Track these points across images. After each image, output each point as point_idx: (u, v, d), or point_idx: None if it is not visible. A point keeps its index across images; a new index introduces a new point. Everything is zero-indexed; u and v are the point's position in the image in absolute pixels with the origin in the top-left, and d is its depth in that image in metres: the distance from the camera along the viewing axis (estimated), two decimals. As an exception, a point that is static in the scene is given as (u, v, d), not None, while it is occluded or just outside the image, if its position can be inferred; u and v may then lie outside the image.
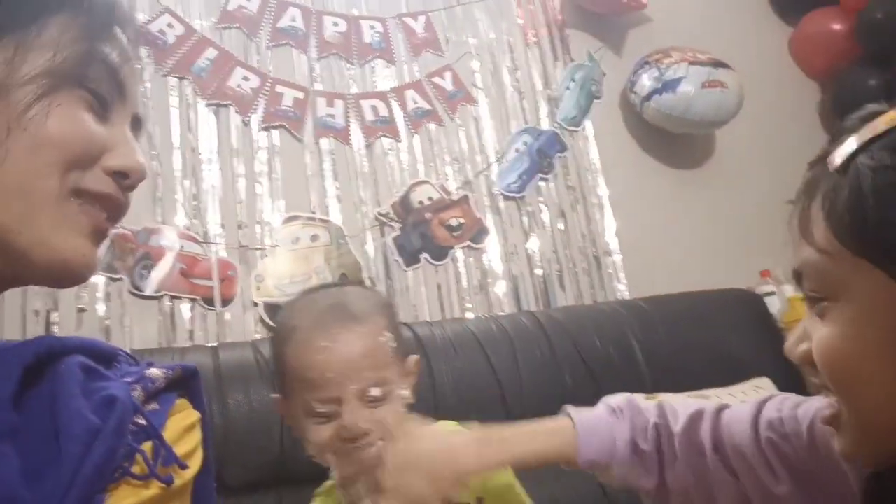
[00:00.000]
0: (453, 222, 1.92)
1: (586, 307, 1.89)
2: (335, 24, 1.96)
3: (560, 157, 2.13)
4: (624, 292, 2.06)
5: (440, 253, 1.88)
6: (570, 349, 1.64)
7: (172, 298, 1.57)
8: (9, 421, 0.48)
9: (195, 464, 0.57)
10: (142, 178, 0.56)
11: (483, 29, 2.15)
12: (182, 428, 0.57)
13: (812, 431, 0.63)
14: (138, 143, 0.57)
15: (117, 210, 0.56)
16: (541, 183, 2.08)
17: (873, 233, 0.46)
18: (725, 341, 1.83)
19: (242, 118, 1.77)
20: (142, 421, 0.53)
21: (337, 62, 1.93)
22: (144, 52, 1.66)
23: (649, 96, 2.20)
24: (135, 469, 0.51)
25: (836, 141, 0.51)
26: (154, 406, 0.56)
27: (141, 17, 1.70)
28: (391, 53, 2.01)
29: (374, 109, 1.93)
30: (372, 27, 2.00)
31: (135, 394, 0.54)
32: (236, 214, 1.69)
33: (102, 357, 0.57)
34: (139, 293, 1.53)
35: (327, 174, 1.82)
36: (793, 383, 1.78)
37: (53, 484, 0.46)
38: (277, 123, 1.80)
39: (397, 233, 1.85)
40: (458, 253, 1.91)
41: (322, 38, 1.93)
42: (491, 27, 2.16)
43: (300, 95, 1.85)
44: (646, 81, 2.20)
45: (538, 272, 2.00)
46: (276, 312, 1.61)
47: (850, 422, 0.50)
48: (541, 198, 2.07)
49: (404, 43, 2.03)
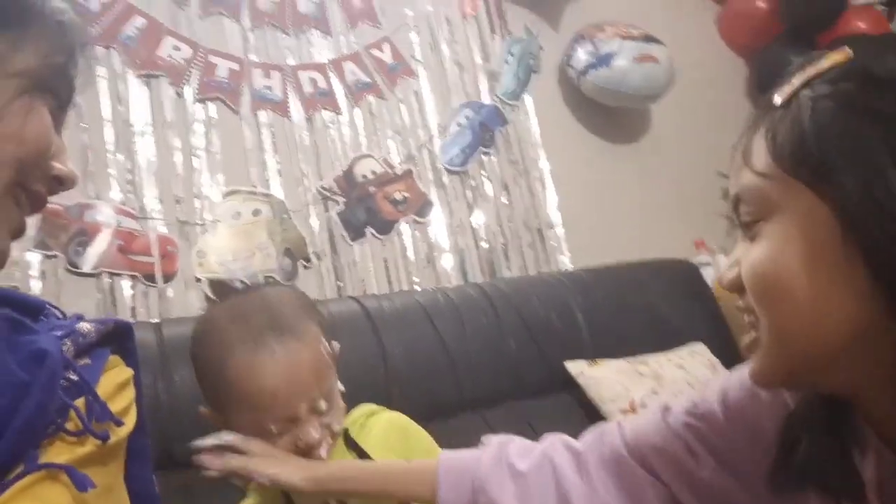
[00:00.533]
0: (398, 196, 1.91)
1: (530, 278, 1.91)
2: (268, -8, 1.90)
3: (501, 132, 2.15)
4: (567, 264, 2.10)
5: (385, 226, 1.87)
6: (515, 317, 1.67)
7: (111, 275, 1.51)
8: None
9: (130, 421, 0.57)
10: (72, 188, 0.59)
11: (420, 1, 2.13)
12: (116, 384, 0.57)
13: (725, 402, 0.65)
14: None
15: (39, 211, 0.58)
16: (483, 157, 2.09)
17: (808, 154, 0.49)
18: (663, 309, 1.89)
19: (175, 90, 1.70)
20: (73, 376, 0.52)
21: (272, 32, 1.88)
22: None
23: (585, 70, 2.23)
24: (69, 425, 0.51)
25: (781, 83, 0.53)
26: (86, 361, 0.55)
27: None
28: (327, 24, 1.96)
29: (313, 82, 1.89)
30: (307, -5, 1.95)
31: (65, 348, 0.53)
32: (173, 189, 1.63)
33: (28, 309, 0.56)
34: (76, 270, 1.47)
35: (267, 148, 1.78)
36: (726, 349, 1.87)
37: None
38: (213, 95, 1.74)
39: (341, 207, 1.82)
40: (404, 227, 1.90)
41: (255, 7, 1.87)
42: (428, -1, 2.14)
43: (235, 67, 1.79)
44: (581, 56, 2.24)
45: (484, 245, 2.01)
46: (219, 290, 1.57)
47: (769, 339, 0.53)
48: (484, 172, 2.08)
49: (340, 13, 1.99)
